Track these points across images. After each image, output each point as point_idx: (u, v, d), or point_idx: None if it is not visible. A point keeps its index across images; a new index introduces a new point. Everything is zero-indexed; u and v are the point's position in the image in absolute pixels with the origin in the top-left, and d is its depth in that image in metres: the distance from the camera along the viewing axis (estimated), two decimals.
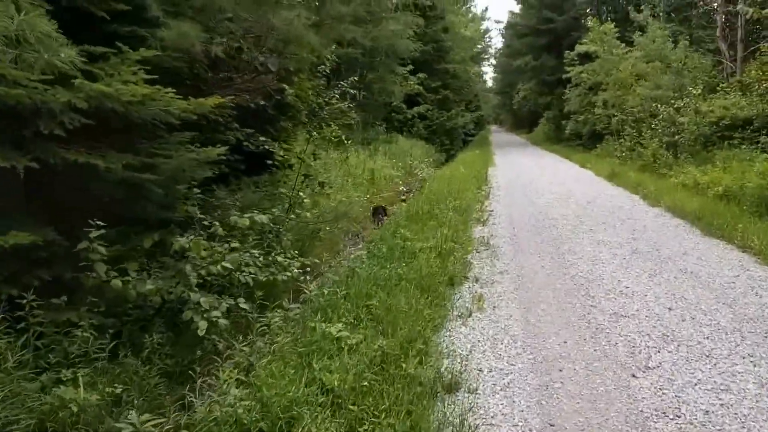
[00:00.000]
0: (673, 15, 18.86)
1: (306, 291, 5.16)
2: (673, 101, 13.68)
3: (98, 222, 3.75)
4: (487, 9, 37.75)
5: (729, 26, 17.01)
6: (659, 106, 13.85)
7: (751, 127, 11.85)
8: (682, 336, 4.08)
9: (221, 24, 5.08)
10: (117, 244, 4.39)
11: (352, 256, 6.97)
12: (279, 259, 5.34)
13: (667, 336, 4.09)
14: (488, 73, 70.01)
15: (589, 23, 19.44)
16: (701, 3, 19.72)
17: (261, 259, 5.18)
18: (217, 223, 4.84)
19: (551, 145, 28.05)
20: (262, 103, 6.95)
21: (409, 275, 5.20)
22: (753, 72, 13.41)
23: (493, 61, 57.35)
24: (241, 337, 4.06)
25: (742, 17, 15.20)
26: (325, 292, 4.85)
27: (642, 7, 17.85)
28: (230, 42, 5.72)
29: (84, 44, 3.90)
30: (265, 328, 4.18)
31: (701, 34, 17.27)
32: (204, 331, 4.07)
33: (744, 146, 11.76)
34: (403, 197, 14.41)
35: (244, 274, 4.90)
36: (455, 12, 29.27)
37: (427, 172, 16.60)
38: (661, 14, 17.46)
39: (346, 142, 13.01)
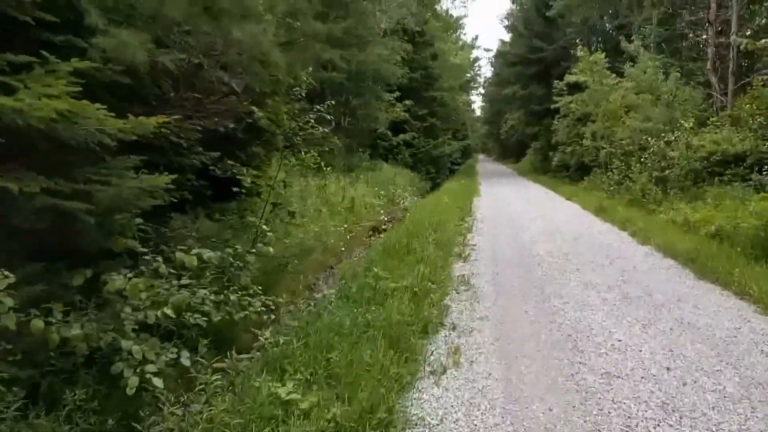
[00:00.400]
0: (663, 46, 18.81)
1: (260, 338, 4.57)
2: (663, 134, 13.44)
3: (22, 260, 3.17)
4: (477, 38, 38.62)
5: (720, 59, 16.99)
6: (649, 139, 13.60)
7: (744, 164, 11.59)
8: (684, 405, 3.55)
9: (177, 37, 4.59)
10: (42, 282, 3.84)
11: (320, 295, 6.40)
12: (233, 298, 4.76)
13: (668, 404, 3.56)
14: (477, 102, 70.63)
15: (579, 53, 19.35)
16: (692, 35, 19.77)
17: (213, 297, 4.62)
18: (160, 259, 4.27)
19: (538, 176, 27.88)
20: (232, 126, 6.47)
21: (378, 321, 4.65)
22: (746, 106, 13.25)
23: (481, 90, 57.86)
24: (174, 397, 3.46)
25: (734, 49, 15.14)
26: (281, 341, 4.27)
27: (633, 38, 17.80)
28: (191, 58, 5.23)
29: (6, 53, 3.40)
30: (203, 386, 3.58)
31: (692, 66, 17.19)
32: (133, 390, 3.49)
33: (736, 183, 11.47)
34: (384, 226, 13.94)
35: (195, 316, 4.33)
36: (444, 39, 29.36)
37: (410, 201, 16.16)
38: (651, 45, 17.36)
39: (325, 168, 12.60)
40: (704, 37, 18.07)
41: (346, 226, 11.55)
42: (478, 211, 13.62)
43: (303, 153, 12.68)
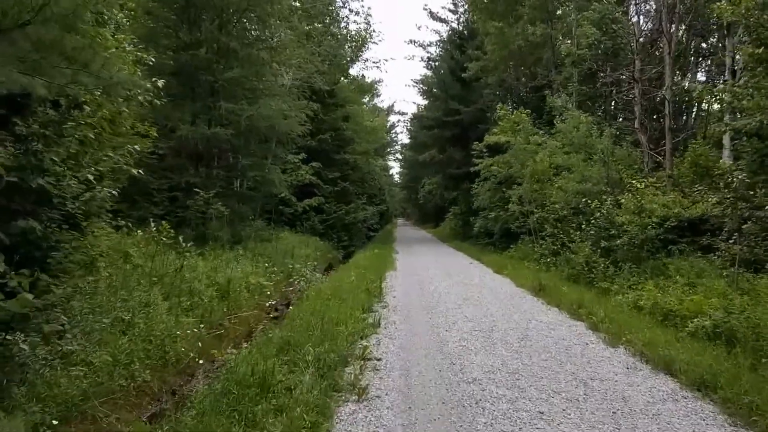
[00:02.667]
0: (589, 104, 17.48)
1: None
2: (605, 196, 11.42)
3: None
4: (393, 104, 37.82)
5: (647, 117, 15.78)
6: (589, 201, 11.51)
7: (707, 228, 9.64)
8: None
9: None
10: None
11: None
12: None
13: None
14: (395, 167, 69.99)
15: (499, 111, 17.67)
16: (615, 93, 18.74)
17: None
18: None
19: (459, 243, 25.72)
20: None
21: None
22: (686, 168, 11.63)
23: (399, 155, 56.97)
24: None
25: (669, 104, 13.79)
26: None
27: (558, 95, 16.36)
28: None
29: None
30: None
31: (618, 125, 15.79)
32: None
33: (698, 253, 9.41)
34: (275, 314, 10.65)
35: None
36: (358, 102, 27.48)
37: (309, 279, 12.94)
38: (573, 104, 15.91)
39: (183, 244, 9.27)
40: (631, 95, 16.96)
41: (203, 326, 8.12)
42: (390, 294, 10.64)
43: (152, 225, 9.35)
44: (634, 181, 10.43)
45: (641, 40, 17.74)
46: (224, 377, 5.21)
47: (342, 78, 26.75)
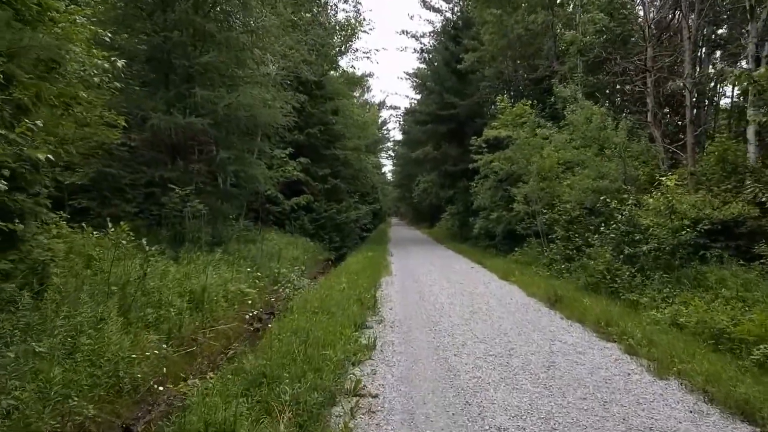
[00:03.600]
0: (598, 95, 16.30)
1: None
2: (625, 195, 10.24)
3: None
4: (385, 100, 36.15)
5: (660, 109, 14.63)
6: (608, 200, 10.31)
7: (742, 231, 8.49)
8: None
9: None
10: None
11: None
12: None
13: None
14: (387, 165, 68.67)
15: (499, 104, 16.45)
16: (625, 84, 17.56)
17: None
18: None
19: (457, 245, 24.49)
20: None
21: None
22: (712, 164, 10.48)
23: (392, 153, 55.57)
24: None
25: (690, 94, 12.62)
26: None
27: (565, 85, 15.16)
28: None
29: None
30: None
31: (630, 119, 14.60)
32: None
33: (739, 260, 8.25)
34: (258, 326, 9.44)
35: None
36: (348, 96, 26.14)
37: (297, 285, 11.67)
38: (581, 93, 14.67)
39: (147, 247, 7.99)
40: (643, 86, 15.79)
41: (169, 345, 6.86)
42: (386, 305, 9.39)
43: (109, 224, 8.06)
44: (663, 179, 9.22)
45: (653, 26, 16.55)
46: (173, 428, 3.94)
47: (331, 70, 25.44)
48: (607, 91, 17.83)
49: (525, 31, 19.94)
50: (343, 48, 25.19)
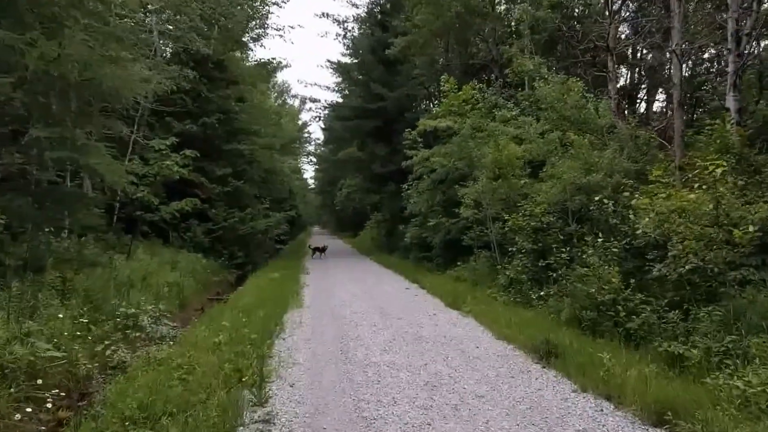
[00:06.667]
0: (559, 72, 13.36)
1: None
2: (628, 192, 7.26)
3: None
4: (306, 101, 32.13)
5: (623, 96, 12.01)
6: (606, 201, 7.28)
7: None
8: None
9: None
10: None
11: None
12: None
13: None
14: (309, 171, 64.45)
15: (443, 84, 13.20)
16: (582, 67, 14.90)
17: None
18: None
19: (385, 257, 21.10)
20: None
21: None
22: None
23: (313, 158, 51.36)
24: None
25: (681, 68, 9.97)
26: None
27: (531, 57, 12.14)
28: None
29: None
30: None
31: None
32: None
33: None
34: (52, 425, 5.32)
35: None
36: (257, 79, 21.93)
37: (152, 333, 7.59)
38: (543, 69, 11.61)
39: None
40: (605, 70, 13.18)
41: None
42: (285, 379, 5.66)
43: None
44: (716, 168, 6.15)
45: None
46: None
47: (238, 51, 21.29)
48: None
49: (464, 7, 17.00)
50: (251, 24, 21.08)
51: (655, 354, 5.73)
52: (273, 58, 31.70)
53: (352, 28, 26.15)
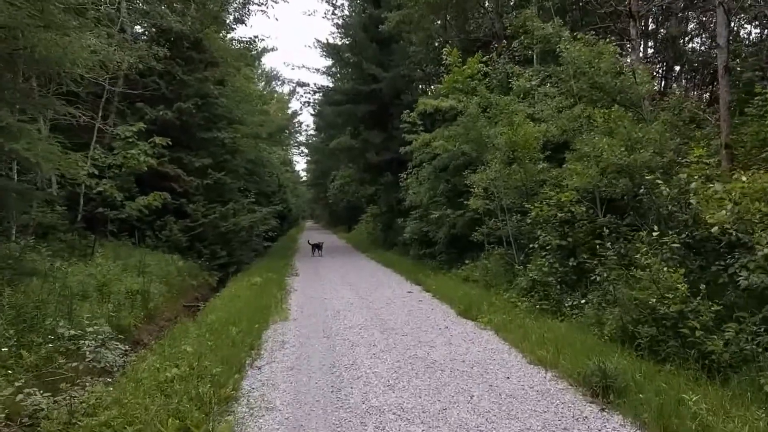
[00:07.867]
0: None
1: None
2: (683, 173, 5.74)
3: None
4: (295, 88, 30.34)
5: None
6: (659, 181, 5.76)
7: None
8: None
9: None
10: None
11: None
12: None
13: None
14: (301, 163, 62.56)
15: (447, 58, 11.52)
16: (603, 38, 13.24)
17: None
18: None
19: (382, 254, 19.53)
20: None
21: None
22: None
23: (304, 149, 49.46)
24: None
25: (727, 26, 8.40)
26: None
27: (551, 22, 10.44)
28: None
29: None
30: None
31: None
32: None
33: None
34: None
35: None
36: (240, 61, 20.13)
37: (98, 361, 6.02)
38: (566, 32, 9.97)
39: None
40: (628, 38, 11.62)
41: None
42: (259, 427, 4.13)
43: None
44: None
45: None
46: None
47: (218, 32, 19.50)
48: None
49: None
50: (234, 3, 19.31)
51: (755, 391, 4.24)
52: (256, 36, 29.95)
53: (342, 5, 24.40)
